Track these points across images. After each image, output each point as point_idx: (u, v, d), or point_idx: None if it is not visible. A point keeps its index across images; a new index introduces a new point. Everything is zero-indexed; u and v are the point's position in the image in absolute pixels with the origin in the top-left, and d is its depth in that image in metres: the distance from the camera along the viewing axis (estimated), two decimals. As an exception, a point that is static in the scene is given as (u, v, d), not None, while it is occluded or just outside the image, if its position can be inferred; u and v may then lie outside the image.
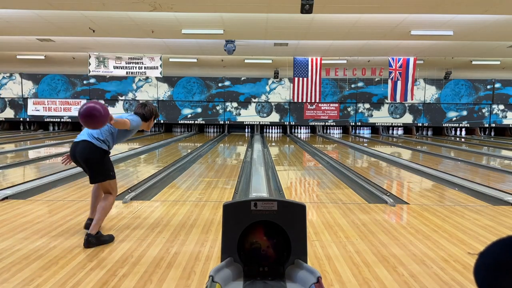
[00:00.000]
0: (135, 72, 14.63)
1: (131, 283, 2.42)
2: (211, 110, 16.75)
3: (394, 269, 2.67)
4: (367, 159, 9.31)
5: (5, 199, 4.47)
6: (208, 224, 3.67)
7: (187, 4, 8.21)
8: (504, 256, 0.70)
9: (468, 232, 3.51)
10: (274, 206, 1.49)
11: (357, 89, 16.68)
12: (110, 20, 9.74)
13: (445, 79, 16.52)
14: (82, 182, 5.64)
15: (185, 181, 5.97)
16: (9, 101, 16.61)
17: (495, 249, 0.73)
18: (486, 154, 10.41)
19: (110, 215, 3.95)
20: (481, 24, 9.66)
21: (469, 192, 5.27)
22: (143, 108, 3.57)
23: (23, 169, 6.93)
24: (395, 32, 10.51)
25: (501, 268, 0.70)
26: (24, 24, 10.16)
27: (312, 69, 14.32)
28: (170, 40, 12.05)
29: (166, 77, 16.00)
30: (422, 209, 4.33)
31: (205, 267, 2.68)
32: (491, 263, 0.72)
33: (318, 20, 9.41)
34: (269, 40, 11.82)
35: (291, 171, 7.14)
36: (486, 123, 16.79)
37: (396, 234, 3.43)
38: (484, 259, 0.74)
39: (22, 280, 2.42)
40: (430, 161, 8.69)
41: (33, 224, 3.58)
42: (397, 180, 6.57)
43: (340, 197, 4.90)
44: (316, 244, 3.15)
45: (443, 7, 8.19)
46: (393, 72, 14.35)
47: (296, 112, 16.76)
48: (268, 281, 1.47)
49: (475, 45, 12.27)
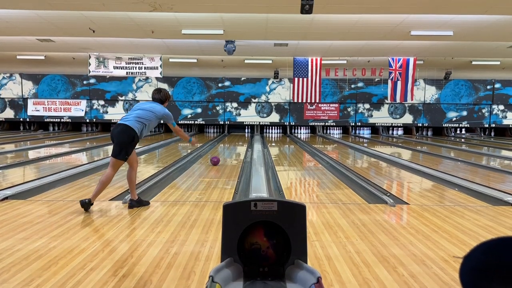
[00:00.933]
0: (135, 72, 14.63)
1: (131, 283, 2.42)
2: (211, 111, 16.75)
3: (394, 269, 2.67)
4: (367, 159, 9.31)
5: (5, 199, 4.47)
6: (208, 224, 3.67)
7: (187, 4, 8.21)
8: (488, 259, 0.69)
9: (468, 233, 3.51)
10: (274, 206, 1.49)
11: (357, 89, 16.68)
12: (110, 20, 9.74)
13: (445, 79, 16.52)
14: (82, 182, 5.64)
15: (185, 181, 5.97)
16: (9, 101, 16.61)
17: (479, 253, 0.72)
18: (486, 154, 10.41)
19: (110, 215, 3.96)
20: (481, 24, 9.66)
21: (469, 192, 5.26)
22: (159, 93, 4.47)
23: (23, 169, 6.93)
24: (395, 32, 10.51)
25: (485, 272, 0.69)
26: (24, 24, 10.17)
27: (312, 69, 14.32)
28: (170, 40, 12.06)
29: (166, 77, 15.99)
30: (422, 209, 4.32)
31: (205, 267, 2.68)
32: (476, 267, 0.71)
33: (318, 20, 9.41)
34: (269, 40, 11.83)
35: (291, 172, 7.14)
36: (486, 124, 16.79)
37: (396, 235, 3.43)
38: (469, 263, 0.72)
39: (22, 281, 2.42)
40: (430, 161, 8.70)
41: (33, 224, 3.58)
42: (397, 180, 6.58)
43: (340, 197, 4.90)
44: (316, 244, 3.15)
45: (443, 7, 8.19)
46: (393, 73, 14.36)
47: (296, 112, 16.76)
48: (268, 282, 1.47)
49: (475, 45, 12.27)
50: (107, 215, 3.98)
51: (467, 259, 0.73)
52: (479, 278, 0.69)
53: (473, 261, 0.72)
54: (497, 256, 0.68)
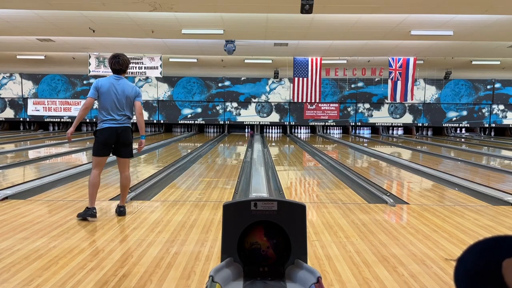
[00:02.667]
0: (135, 72, 14.63)
1: (131, 283, 2.42)
2: (211, 110, 16.74)
3: (394, 269, 2.67)
4: (367, 159, 9.31)
5: (5, 199, 4.47)
6: (208, 224, 3.67)
7: (187, 4, 8.21)
8: (482, 261, 0.67)
9: (468, 232, 3.51)
10: (274, 206, 1.49)
11: (357, 89, 16.68)
12: (110, 20, 9.74)
13: (445, 79, 16.51)
14: (82, 182, 5.64)
15: (185, 181, 5.97)
16: (9, 101, 16.61)
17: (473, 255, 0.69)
18: (486, 154, 10.41)
19: (110, 215, 3.96)
20: (481, 24, 9.65)
21: (469, 192, 5.26)
22: (119, 61, 3.87)
23: (23, 169, 6.93)
24: (395, 32, 10.50)
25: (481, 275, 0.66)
26: (24, 24, 10.16)
27: (312, 69, 14.31)
28: (170, 40, 12.05)
29: (166, 77, 15.99)
30: (422, 209, 4.32)
31: (205, 267, 2.68)
32: (471, 270, 0.68)
33: (318, 20, 9.41)
34: (269, 40, 11.82)
35: (291, 171, 7.14)
36: (486, 123, 16.78)
37: (396, 234, 3.43)
38: (464, 266, 0.69)
39: (22, 280, 2.42)
40: (430, 161, 8.69)
41: (33, 224, 3.58)
42: (397, 180, 6.57)
43: (340, 197, 4.89)
44: (316, 244, 3.15)
45: (443, 7, 8.18)
46: (393, 72, 14.35)
47: (296, 112, 16.76)
48: (268, 281, 1.47)
49: (475, 45, 12.26)
50: (107, 215, 3.98)
51: (461, 262, 0.70)
52: (474, 282, 0.67)
53: (468, 264, 0.68)
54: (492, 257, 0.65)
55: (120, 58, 3.87)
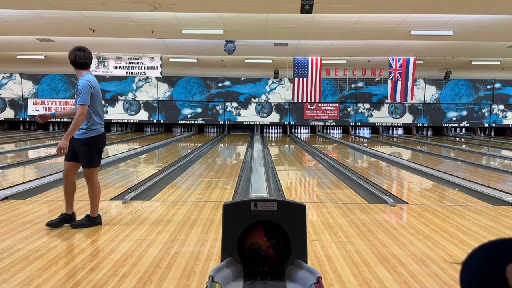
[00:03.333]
0: (135, 72, 14.62)
1: (131, 283, 2.42)
2: (211, 110, 16.74)
3: (394, 269, 2.67)
4: (367, 159, 9.31)
5: (5, 199, 4.47)
6: (208, 224, 3.67)
7: (187, 4, 8.21)
8: (487, 265, 0.66)
9: (468, 232, 3.51)
10: (274, 206, 1.49)
11: (357, 89, 16.68)
12: (110, 20, 9.74)
13: (445, 79, 16.51)
14: (82, 182, 5.62)
15: (185, 181, 5.97)
16: (9, 101, 16.60)
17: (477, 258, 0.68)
18: (486, 154, 10.41)
19: (110, 215, 3.96)
20: (481, 24, 9.65)
21: (469, 192, 5.26)
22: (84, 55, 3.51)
23: (23, 169, 6.93)
24: (395, 32, 10.50)
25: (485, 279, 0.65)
26: (24, 24, 10.16)
27: (312, 69, 14.31)
28: (170, 40, 12.05)
29: (166, 77, 15.99)
30: (422, 209, 4.32)
31: (205, 267, 2.68)
32: (475, 273, 0.67)
33: (318, 20, 9.41)
34: (269, 40, 11.82)
35: (291, 171, 7.14)
36: (486, 123, 16.78)
37: (396, 234, 3.43)
38: (468, 269, 0.68)
39: (22, 280, 2.42)
40: (430, 161, 8.69)
41: (33, 224, 3.58)
42: (397, 180, 6.57)
43: (340, 197, 4.89)
44: (316, 244, 3.15)
45: (443, 7, 8.18)
46: (393, 72, 14.35)
47: (296, 112, 16.76)
48: (268, 281, 1.47)
49: (475, 45, 12.26)
50: (107, 214, 3.98)
51: (466, 266, 0.69)
52: (480, 286, 0.66)
53: (473, 268, 0.68)
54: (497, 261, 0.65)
55: (86, 52, 3.54)
